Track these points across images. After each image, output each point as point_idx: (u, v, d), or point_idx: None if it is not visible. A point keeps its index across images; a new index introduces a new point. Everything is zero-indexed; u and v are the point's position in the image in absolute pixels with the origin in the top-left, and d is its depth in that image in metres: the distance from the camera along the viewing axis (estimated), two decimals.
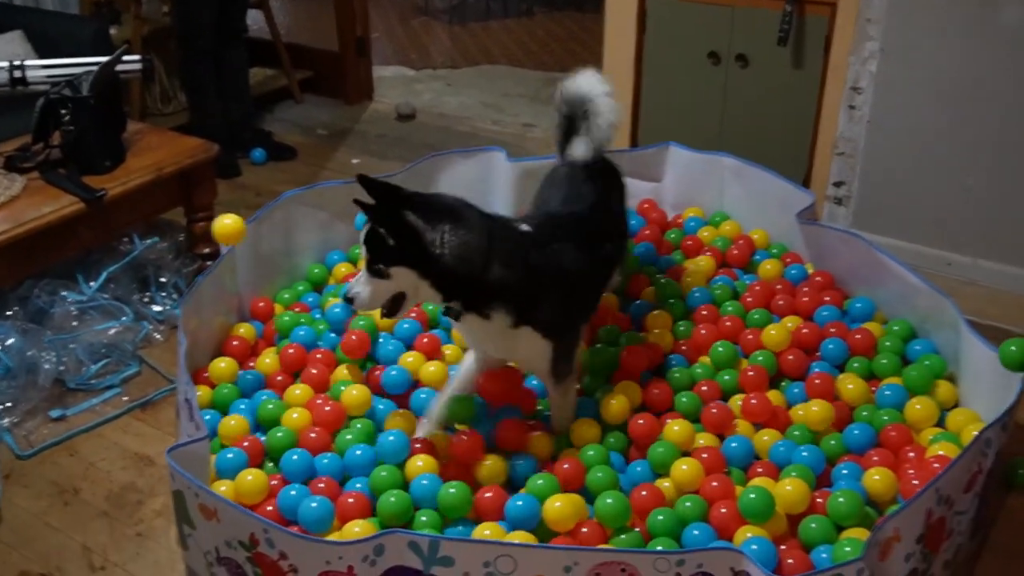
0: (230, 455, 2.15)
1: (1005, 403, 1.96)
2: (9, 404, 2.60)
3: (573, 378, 2.20)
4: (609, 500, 1.90)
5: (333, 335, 2.59)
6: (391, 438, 2.11)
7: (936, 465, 1.96)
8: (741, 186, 3.00)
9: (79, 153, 2.81)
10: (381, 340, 2.54)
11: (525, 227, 2.12)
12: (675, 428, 2.14)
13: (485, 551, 1.67)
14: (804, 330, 2.47)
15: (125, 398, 2.72)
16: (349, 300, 1.96)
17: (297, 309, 2.73)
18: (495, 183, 3.09)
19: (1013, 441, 2.13)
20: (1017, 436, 2.20)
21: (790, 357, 2.39)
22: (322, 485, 2.03)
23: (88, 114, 2.77)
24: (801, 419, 2.21)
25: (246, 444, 2.17)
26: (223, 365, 2.47)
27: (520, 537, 1.85)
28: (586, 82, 2.38)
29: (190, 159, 2.97)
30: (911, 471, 2.00)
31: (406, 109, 4.40)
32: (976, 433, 1.84)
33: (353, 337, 2.47)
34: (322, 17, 4.66)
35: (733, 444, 2.12)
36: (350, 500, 1.97)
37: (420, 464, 2.08)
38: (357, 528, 1.89)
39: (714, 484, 1.99)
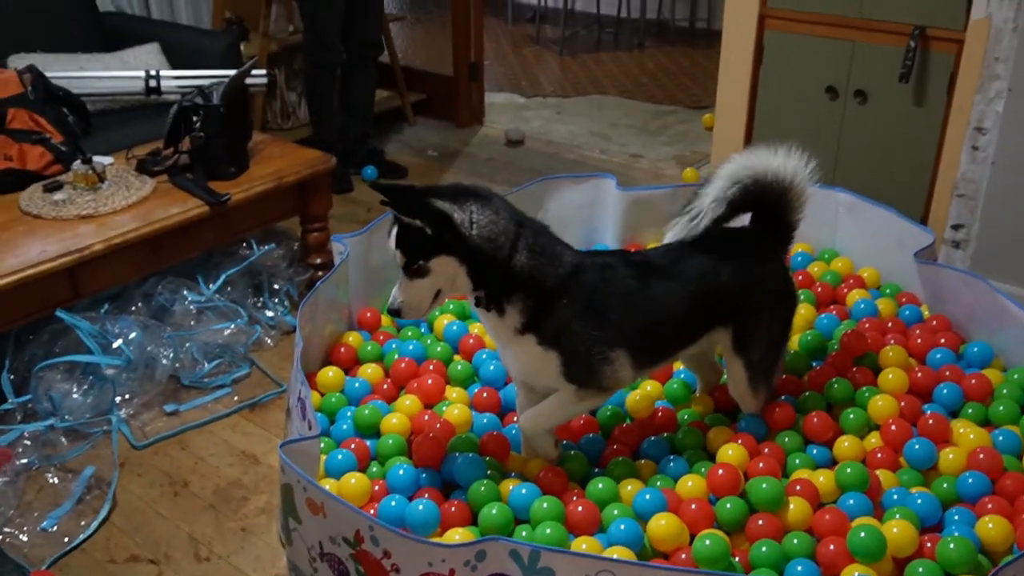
0: (339, 456, 2.20)
1: None
2: (127, 396, 2.71)
3: (598, 393, 2.06)
4: (707, 541, 1.87)
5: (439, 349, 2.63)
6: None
7: None
8: (855, 223, 2.95)
9: (206, 159, 2.93)
10: (484, 356, 2.57)
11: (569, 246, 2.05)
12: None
13: (586, 565, 1.67)
14: (919, 373, 2.40)
15: (236, 398, 2.81)
16: (396, 312, 1.94)
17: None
18: (603, 210, 3.11)
19: None
20: None
21: (902, 404, 2.31)
22: (426, 496, 2.06)
23: (217, 122, 2.89)
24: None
25: (353, 447, 2.21)
26: (331, 375, 2.53)
27: (620, 553, 1.84)
28: (791, 163, 2.19)
29: (309, 170, 3.07)
30: None
31: (515, 135, 4.45)
32: None
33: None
34: (437, 42, 4.78)
35: (848, 471, 2.06)
36: (452, 508, 2.00)
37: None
38: (457, 536, 1.91)
39: (827, 517, 1.94)
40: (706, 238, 2.18)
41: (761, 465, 2.12)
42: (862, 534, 1.85)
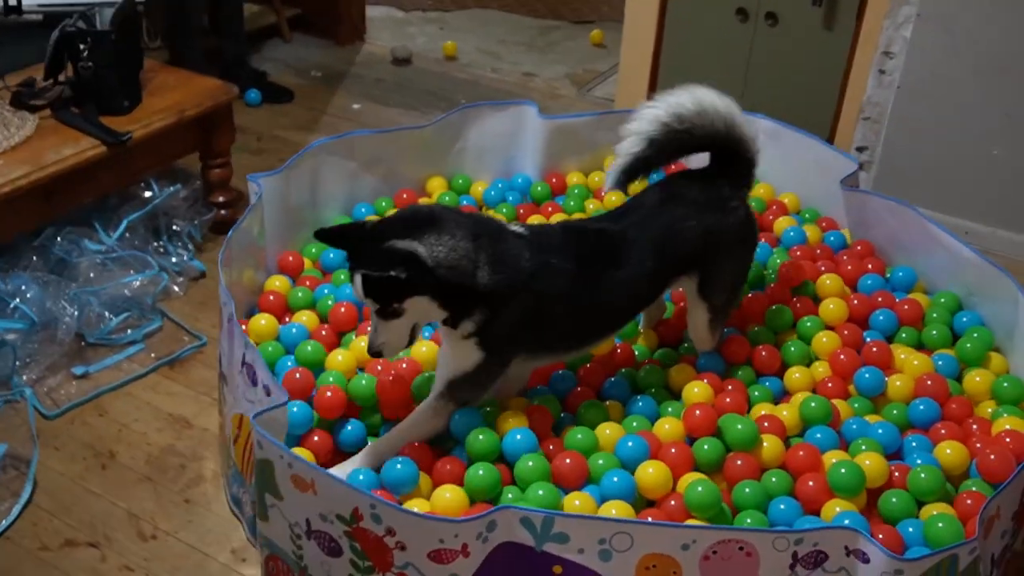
0: (295, 408, 2.06)
1: None
2: (28, 360, 2.46)
3: (453, 410, 1.99)
4: (699, 488, 1.87)
5: None
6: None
7: (1008, 440, 1.99)
8: (775, 148, 2.97)
9: (97, 92, 2.64)
10: None
11: (519, 229, 1.99)
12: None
13: (601, 528, 1.64)
14: (855, 301, 2.47)
15: (152, 355, 2.61)
16: (377, 354, 1.87)
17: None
18: (524, 139, 3.01)
19: None
20: None
21: (845, 332, 2.37)
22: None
23: (109, 50, 2.61)
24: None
25: (329, 395, 2.07)
26: (264, 323, 2.37)
27: (619, 508, 1.82)
28: (724, 102, 2.14)
29: (211, 101, 2.83)
30: (980, 445, 2.03)
31: (402, 53, 4.25)
32: None
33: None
34: None
35: (812, 404, 2.10)
36: (448, 467, 1.94)
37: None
38: (448, 494, 1.84)
39: (801, 454, 1.98)
40: (663, 191, 2.17)
41: (728, 401, 2.13)
42: (842, 470, 1.90)
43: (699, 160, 2.30)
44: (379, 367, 2.18)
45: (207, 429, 2.39)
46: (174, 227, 2.92)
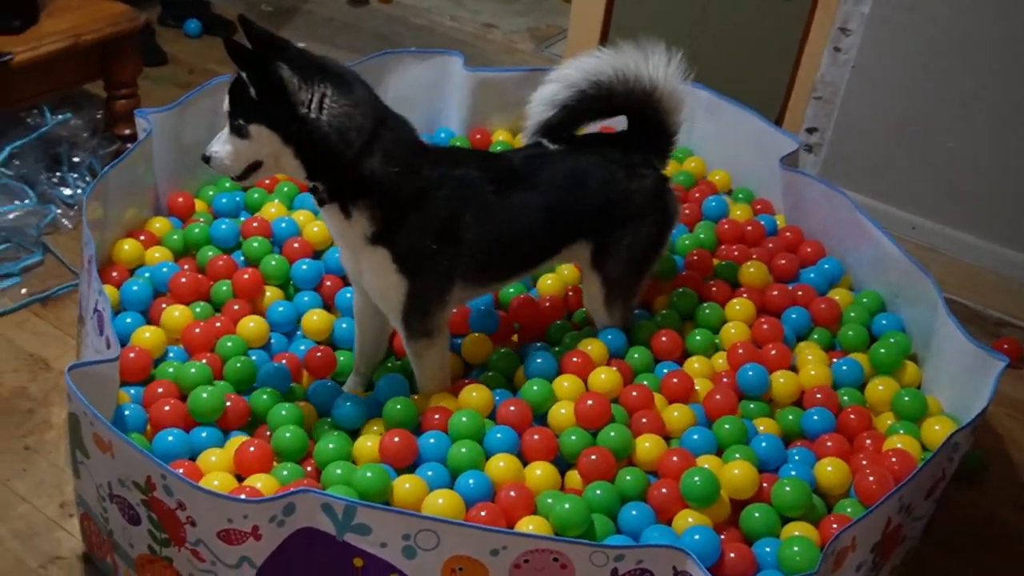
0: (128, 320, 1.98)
1: (974, 399, 1.85)
2: None
3: (429, 343, 1.91)
4: (566, 505, 1.70)
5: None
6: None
7: (894, 460, 1.84)
8: (712, 122, 2.80)
9: None
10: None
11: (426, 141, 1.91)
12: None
13: (406, 523, 1.50)
14: (774, 292, 2.31)
15: (24, 290, 2.48)
16: (207, 159, 1.78)
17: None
18: (448, 91, 2.85)
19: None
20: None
21: (765, 325, 2.21)
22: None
23: None
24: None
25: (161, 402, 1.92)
26: (127, 248, 2.26)
27: (446, 499, 1.69)
28: (654, 69, 2.01)
29: (112, 28, 2.66)
30: (865, 463, 1.87)
31: None
32: (945, 439, 1.71)
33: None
34: None
35: (695, 436, 1.93)
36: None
37: None
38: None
39: (674, 459, 1.84)
40: (577, 142, 2.05)
41: (634, 394, 1.99)
42: (695, 478, 1.75)
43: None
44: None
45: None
46: (74, 158, 2.78)
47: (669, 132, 2.11)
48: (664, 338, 2.16)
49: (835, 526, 1.73)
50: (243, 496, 1.55)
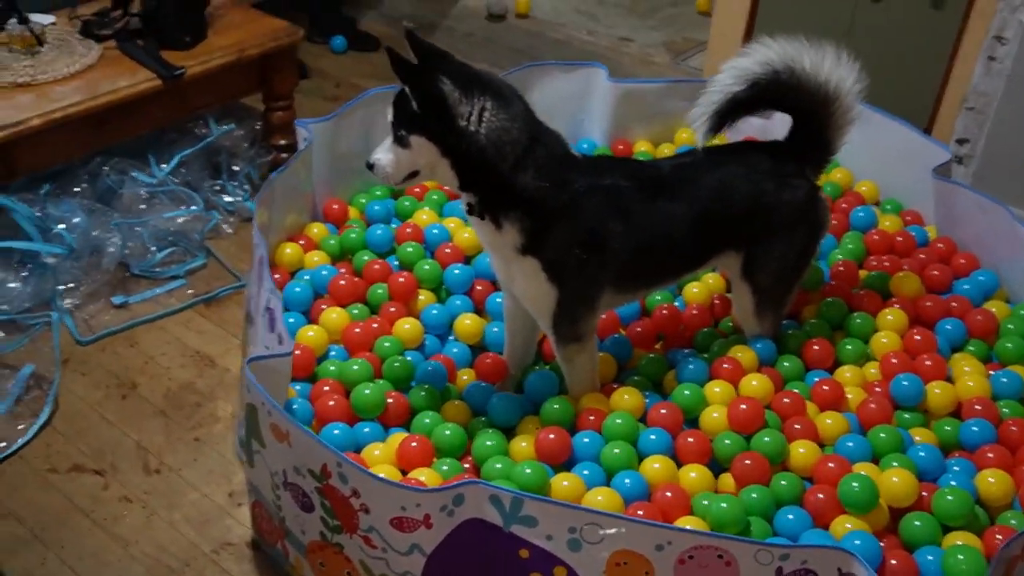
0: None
1: None
2: (71, 285, 2.50)
3: (579, 348, 1.93)
4: (723, 504, 1.71)
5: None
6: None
7: None
8: (860, 132, 2.73)
9: (159, 25, 2.65)
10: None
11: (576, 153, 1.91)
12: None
13: (573, 516, 1.54)
14: (927, 303, 2.27)
15: (190, 291, 2.62)
16: (370, 166, 1.83)
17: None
18: (592, 102, 2.88)
19: None
20: None
21: (917, 337, 2.16)
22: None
23: None
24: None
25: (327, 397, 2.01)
26: (289, 251, 2.34)
27: (606, 496, 1.71)
28: (831, 65, 2.00)
29: (273, 42, 2.79)
30: None
31: (497, 8, 4.14)
32: None
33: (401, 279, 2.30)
34: None
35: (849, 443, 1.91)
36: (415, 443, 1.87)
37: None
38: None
39: (831, 465, 1.82)
40: (727, 151, 2.04)
41: (786, 400, 1.98)
42: (854, 484, 1.74)
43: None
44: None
45: (229, 370, 2.39)
46: (234, 167, 2.92)
47: (832, 147, 2.10)
48: (816, 347, 2.14)
49: (999, 537, 1.70)
50: (417, 485, 1.61)
